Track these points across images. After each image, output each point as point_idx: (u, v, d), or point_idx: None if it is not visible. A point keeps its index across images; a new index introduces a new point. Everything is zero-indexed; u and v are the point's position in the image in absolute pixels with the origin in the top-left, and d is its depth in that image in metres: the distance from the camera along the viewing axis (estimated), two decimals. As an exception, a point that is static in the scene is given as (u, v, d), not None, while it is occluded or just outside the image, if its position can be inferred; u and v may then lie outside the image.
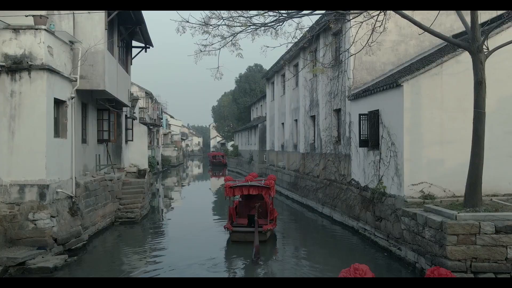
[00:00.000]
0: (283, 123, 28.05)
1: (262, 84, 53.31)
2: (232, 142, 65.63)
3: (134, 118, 26.39)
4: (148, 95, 43.12)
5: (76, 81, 13.15)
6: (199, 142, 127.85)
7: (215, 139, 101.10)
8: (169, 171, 50.93)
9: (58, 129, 12.55)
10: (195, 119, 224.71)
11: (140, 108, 38.49)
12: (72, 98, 13.01)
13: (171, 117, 77.42)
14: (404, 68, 14.55)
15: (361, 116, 13.85)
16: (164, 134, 61.21)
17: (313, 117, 21.22)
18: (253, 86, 56.98)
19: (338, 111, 17.51)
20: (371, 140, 13.34)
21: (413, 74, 11.41)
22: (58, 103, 12.56)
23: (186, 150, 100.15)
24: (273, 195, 13.99)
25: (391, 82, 12.01)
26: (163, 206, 24.13)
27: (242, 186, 13.58)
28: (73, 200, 12.89)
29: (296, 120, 24.61)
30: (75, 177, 13.37)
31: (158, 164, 44.56)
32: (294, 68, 25.15)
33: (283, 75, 27.76)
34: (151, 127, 42.80)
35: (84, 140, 15.11)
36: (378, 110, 13.03)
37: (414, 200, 11.18)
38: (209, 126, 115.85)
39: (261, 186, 13.59)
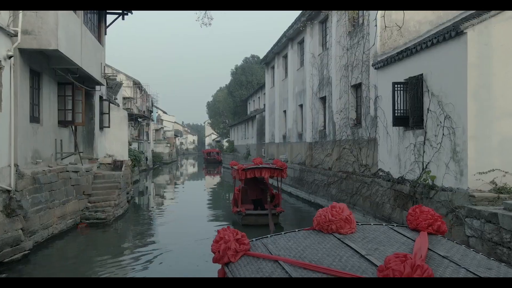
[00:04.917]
0: (285, 111, 24.68)
1: (260, 76, 49.98)
2: (227, 139, 62.28)
3: (117, 104, 23.07)
4: (136, 84, 39.71)
5: (16, 36, 9.80)
6: (194, 140, 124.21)
7: (210, 137, 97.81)
8: (160, 168, 47.56)
9: (-13, 98, 9.21)
10: (191, 118, 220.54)
11: (127, 98, 35.29)
12: (9, 57, 9.63)
13: (164, 112, 74.01)
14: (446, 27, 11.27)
15: (396, 86, 10.55)
16: (156, 130, 57.89)
17: (323, 99, 17.92)
18: (249, 78, 53.59)
19: (357, 86, 14.22)
20: (412, 116, 10.03)
21: (481, 18, 8.13)
22: (-11, 63, 9.23)
23: (180, 148, 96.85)
24: (285, 177, 13.90)
25: (447, 32, 8.70)
26: (145, 205, 20.68)
27: (254, 169, 13.07)
28: (11, 195, 9.53)
29: (301, 106, 21.30)
30: (17, 165, 10.04)
31: (147, 160, 41.19)
32: (299, 46, 21.85)
33: (285, 56, 24.43)
34: (140, 119, 39.52)
35: (35, 119, 11.70)
36: (422, 74, 9.75)
37: (484, 195, 7.90)
38: (204, 123, 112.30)
39: (273, 168, 13.20)
